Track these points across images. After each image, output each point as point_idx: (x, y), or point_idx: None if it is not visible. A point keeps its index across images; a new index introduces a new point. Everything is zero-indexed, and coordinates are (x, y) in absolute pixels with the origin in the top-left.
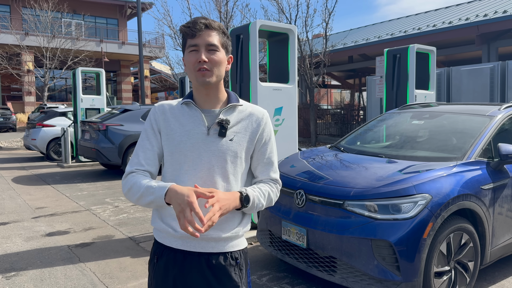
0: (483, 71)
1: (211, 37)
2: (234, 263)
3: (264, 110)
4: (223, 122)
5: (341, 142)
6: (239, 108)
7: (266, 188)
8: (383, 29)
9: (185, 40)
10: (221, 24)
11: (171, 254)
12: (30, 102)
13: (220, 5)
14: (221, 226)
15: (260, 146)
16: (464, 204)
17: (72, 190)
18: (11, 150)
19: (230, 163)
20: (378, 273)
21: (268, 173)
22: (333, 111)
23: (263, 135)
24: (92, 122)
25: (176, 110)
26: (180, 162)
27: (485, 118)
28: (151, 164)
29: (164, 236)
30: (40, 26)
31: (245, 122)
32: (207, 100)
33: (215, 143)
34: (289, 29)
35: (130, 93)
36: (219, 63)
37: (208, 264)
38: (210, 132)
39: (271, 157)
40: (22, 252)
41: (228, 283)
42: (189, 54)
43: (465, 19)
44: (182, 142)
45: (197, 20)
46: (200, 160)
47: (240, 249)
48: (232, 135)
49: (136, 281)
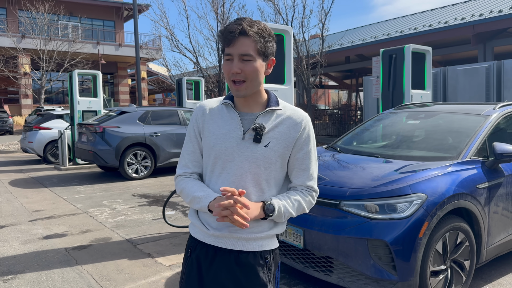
0: (479, 71)
1: (244, 46)
2: (263, 263)
3: (304, 114)
4: (258, 129)
5: (337, 142)
6: (278, 112)
7: (297, 197)
8: (379, 29)
9: (223, 46)
10: (261, 26)
11: (203, 249)
12: (27, 104)
13: (217, 7)
14: (253, 227)
15: (296, 152)
16: (459, 203)
17: (70, 193)
18: (8, 153)
19: (263, 169)
20: (374, 273)
21: (303, 180)
22: (331, 111)
23: (300, 140)
24: (89, 125)
25: (216, 111)
26: (214, 165)
27: (480, 117)
28: (197, 166)
29: (198, 231)
30: (37, 28)
31: (283, 127)
32: (246, 104)
33: (249, 149)
34: (285, 30)
35: (127, 95)
36: (254, 73)
37: (237, 262)
38: (245, 137)
39: (308, 163)
40: (19, 255)
41: (256, 281)
42: (225, 63)
43: (461, 19)
44: (217, 145)
45: (231, 28)
46: (233, 164)
47: (270, 249)
48: (268, 140)
49: (133, 283)
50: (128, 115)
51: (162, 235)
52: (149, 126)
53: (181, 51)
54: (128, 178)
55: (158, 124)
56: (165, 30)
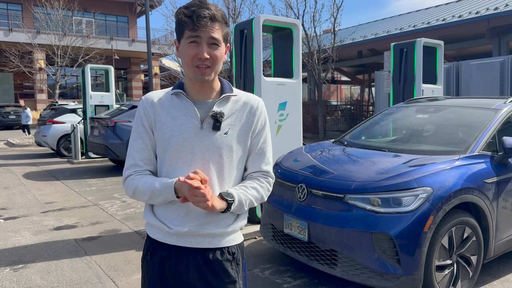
0: (493, 65)
1: (214, 31)
2: (231, 258)
3: (259, 99)
4: (217, 115)
5: (345, 136)
6: (233, 99)
7: (253, 185)
8: (392, 23)
9: (183, 28)
10: (224, 13)
11: (165, 251)
12: (42, 99)
13: (228, 2)
14: (217, 222)
15: (254, 137)
16: (466, 197)
17: (81, 186)
18: (22, 146)
19: (225, 157)
20: (378, 266)
21: (259, 164)
22: (343, 107)
23: (258, 125)
24: (101, 119)
25: (166, 102)
26: (174, 158)
27: (490, 111)
28: (148, 163)
29: (157, 231)
30: (51, 24)
31: (240, 113)
32: (201, 91)
33: (209, 137)
34: (293, 24)
35: (140, 90)
36: (220, 59)
37: (204, 260)
38: (203, 126)
39: (263, 148)
40: (30, 245)
41: (225, 278)
42: (188, 46)
43: (475, 13)
44: (174, 137)
45: (200, 12)
46: (194, 155)
47: (237, 243)
48: (227, 128)
49: (140, 273)
50: None
51: None
52: None
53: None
54: None
55: None
56: None
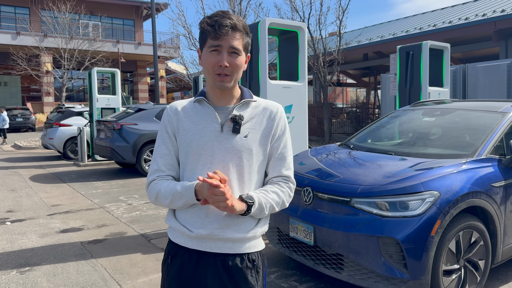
0: (500, 68)
1: (235, 40)
2: (251, 265)
3: (278, 105)
4: (237, 118)
5: (351, 139)
6: (253, 104)
7: (274, 189)
8: (398, 26)
9: (206, 37)
10: (245, 23)
11: (185, 255)
12: (49, 102)
13: (234, 5)
14: (238, 226)
15: (273, 142)
16: (474, 201)
17: (87, 188)
18: (29, 149)
19: (245, 160)
20: (385, 271)
21: (280, 169)
22: (349, 109)
23: (277, 129)
24: (107, 122)
25: (189, 109)
26: (194, 161)
27: (497, 114)
28: (171, 169)
29: (178, 235)
30: (58, 27)
31: (259, 117)
32: (221, 98)
33: (229, 140)
34: (299, 27)
35: (146, 93)
36: (239, 67)
37: (223, 265)
38: (223, 129)
39: (284, 152)
40: (36, 248)
41: (243, 286)
42: (210, 54)
43: (482, 15)
44: (195, 141)
45: (223, 22)
46: (214, 158)
47: (257, 250)
48: (247, 131)
49: (146, 277)
50: (145, 112)
51: None
52: None
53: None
54: (145, 174)
55: None
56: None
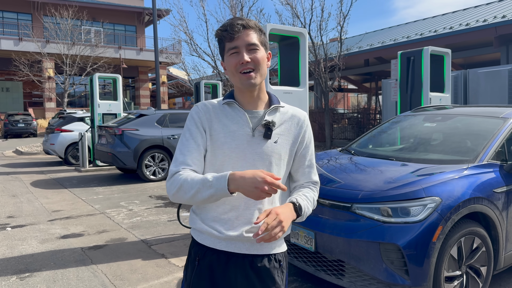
0: (501, 73)
1: (249, 36)
2: (277, 266)
3: (305, 112)
4: (270, 124)
5: (352, 145)
6: (282, 110)
7: (311, 194)
8: (399, 32)
9: (223, 44)
10: (256, 22)
11: (214, 255)
12: (50, 108)
13: (235, 11)
14: None
15: (302, 149)
16: (475, 207)
17: (88, 194)
18: (31, 154)
19: (275, 165)
20: (386, 277)
21: (310, 176)
22: (350, 115)
23: (305, 137)
24: (109, 127)
25: (218, 110)
26: (223, 163)
27: (499, 120)
28: (198, 164)
29: (206, 237)
30: (61, 33)
31: (288, 124)
32: (251, 101)
33: (260, 145)
34: (300, 32)
35: (148, 98)
36: (262, 61)
37: (252, 266)
38: (255, 134)
39: (312, 159)
40: (36, 254)
41: (271, 286)
42: (230, 57)
43: (483, 21)
44: (227, 143)
45: (233, 22)
46: (245, 161)
47: (282, 251)
48: (277, 137)
49: (146, 283)
50: (146, 118)
51: (176, 236)
52: (167, 129)
53: (200, 55)
54: (146, 180)
55: (176, 126)
56: (185, 35)
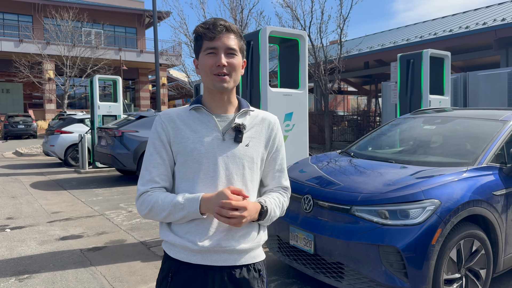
0: (501, 76)
1: (230, 40)
2: (257, 276)
3: (275, 116)
4: (240, 127)
5: (352, 147)
6: (252, 114)
7: (280, 199)
8: (399, 34)
9: (201, 42)
10: (238, 28)
11: (190, 271)
12: (50, 109)
13: (236, 13)
14: (244, 236)
15: (272, 152)
16: (475, 210)
17: (88, 195)
18: (31, 156)
19: (248, 169)
20: (385, 280)
21: (280, 180)
22: (349, 117)
23: (276, 140)
24: (108, 129)
25: (185, 117)
26: (195, 170)
27: (498, 122)
28: (165, 180)
29: (179, 251)
30: (61, 35)
31: (259, 127)
32: (220, 105)
33: (231, 149)
34: (299, 35)
35: (148, 100)
36: (237, 67)
37: (230, 279)
38: (225, 138)
39: (282, 164)
40: (36, 255)
41: None
42: (206, 57)
43: (482, 24)
44: (196, 149)
45: (216, 22)
46: (217, 166)
47: (261, 260)
48: (248, 140)
49: (145, 285)
50: (146, 120)
51: None
52: None
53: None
54: None
55: None
56: (185, 37)
